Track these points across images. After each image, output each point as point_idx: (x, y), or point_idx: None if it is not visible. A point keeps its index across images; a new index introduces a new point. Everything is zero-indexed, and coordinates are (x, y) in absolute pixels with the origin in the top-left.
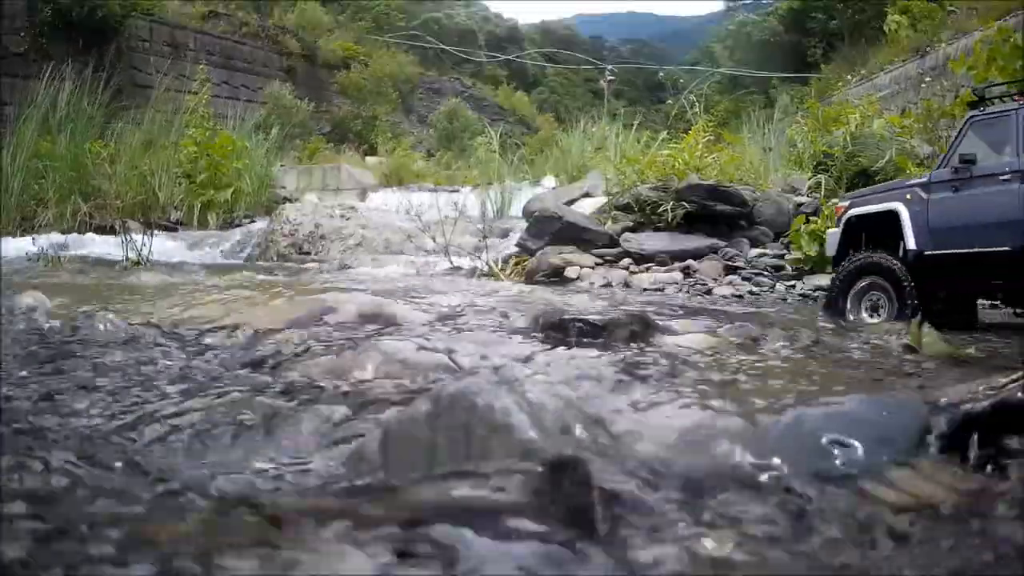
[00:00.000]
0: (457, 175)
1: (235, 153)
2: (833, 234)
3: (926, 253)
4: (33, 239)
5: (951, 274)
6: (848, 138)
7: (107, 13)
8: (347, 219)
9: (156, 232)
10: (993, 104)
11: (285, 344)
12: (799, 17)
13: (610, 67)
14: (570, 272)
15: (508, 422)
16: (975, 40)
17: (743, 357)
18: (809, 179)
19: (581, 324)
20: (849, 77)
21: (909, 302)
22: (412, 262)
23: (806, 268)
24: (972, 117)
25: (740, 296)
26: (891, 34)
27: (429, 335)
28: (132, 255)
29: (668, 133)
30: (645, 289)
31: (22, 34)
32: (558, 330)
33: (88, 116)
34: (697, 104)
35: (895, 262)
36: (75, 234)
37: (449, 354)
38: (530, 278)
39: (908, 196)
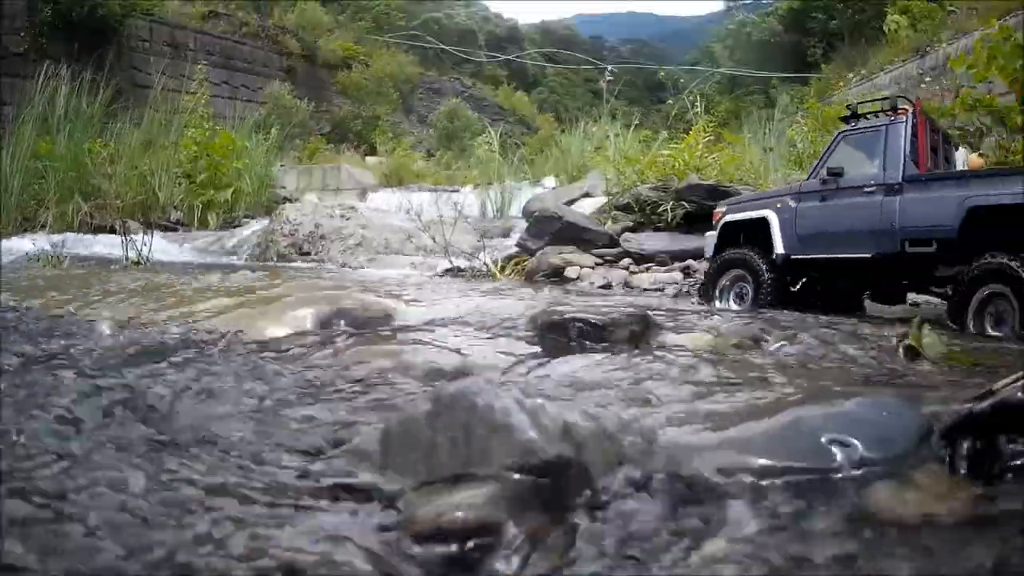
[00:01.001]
0: (457, 175)
1: (235, 153)
2: (711, 236)
3: (793, 257)
4: (33, 240)
5: (817, 275)
6: None
7: (107, 13)
8: (347, 219)
9: (156, 232)
10: (866, 120)
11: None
12: (799, 17)
13: (610, 67)
14: (570, 272)
15: (508, 422)
16: (975, 39)
17: (743, 357)
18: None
19: (581, 324)
20: (850, 76)
21: (767, 293)
22: (412, 262)
23: None
24: (843, 132)
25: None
26: (891, 34)
27: (429, 335)
28: (132, 255)
29: (668, 133)
30: (645, 289)
31: (22, 34)
32: (558, 330)
33: (88, 116)
34: (697, 104)
35: (756, 258)
36: (75, 234)
37: (448, 354)
38: (530, 278)
39: (779, 205)
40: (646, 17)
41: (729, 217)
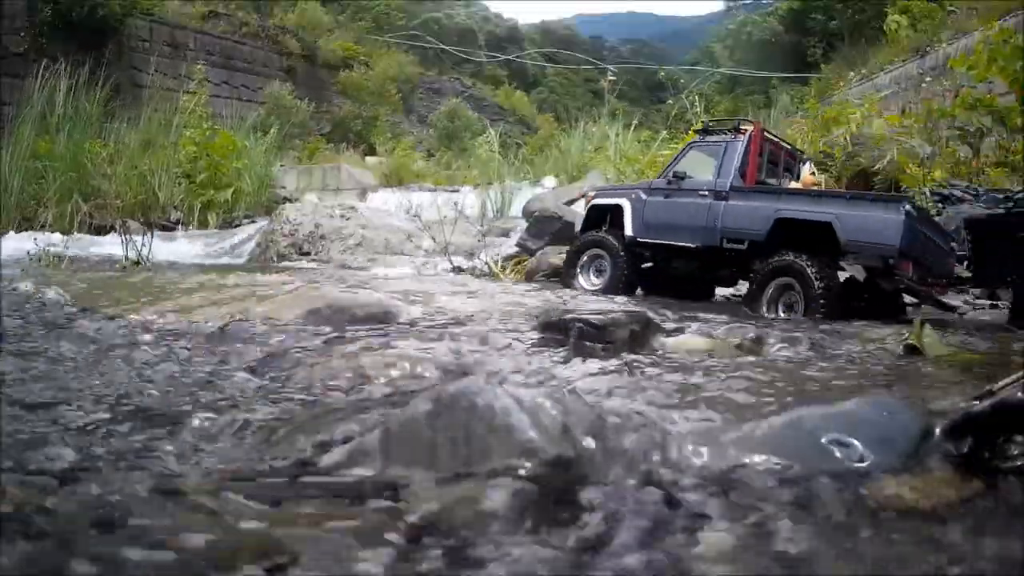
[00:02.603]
0: (457, 175)
1: (235, 153)
2: (580, 217)
3: (638, 239)
4: (35, 240)
5: (656, 256)
6: (848, 138)
7: (107, 13)
8: (347, 219)
9: (156, 232)
10: (714, 135)
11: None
12: (799, 17)
13: (611, 68)
14: None
15: (508, 422)
16: (976, 40)
17: (743, 358)
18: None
19: (581, 324)
20: (851, 76)
21: (622, 272)
22: (412, 262)
23: None
24: (692, 143)
25: (741, 295)
26: (891, 34)
27: (429, 335)
28: (132, 255)
29: (668, 133)
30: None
31: (22, 34)
32: (558, 330)
33: (87, 116)
34: (697, 104)
35: (612, 240)
36: (75, 234)
37: (449, 354)
38: (530, 278)
39: (632, 196)
40: (646, 17)
41: (595, 201)
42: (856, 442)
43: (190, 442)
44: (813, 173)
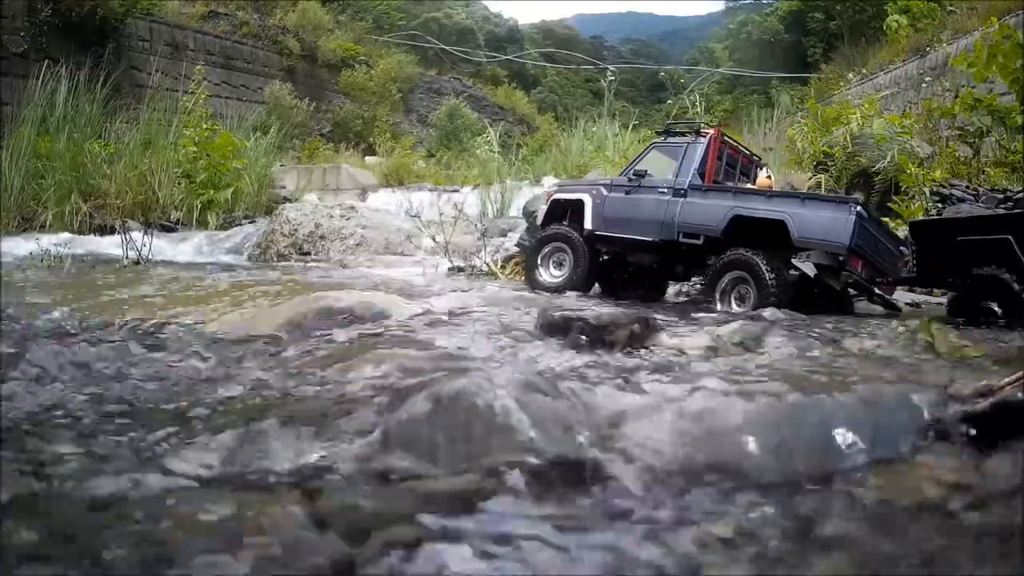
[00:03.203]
0: (457, 175)
1: (235, 153)
2: (542, 210)
3: (597, 233)
4: (37, 239)
5: (614, 249)
6: (848, 138)
7: (107, 13)
8: (347, 219)
9: (156, 232)
10: (676, 137)
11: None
12: (799, 17)
13: (611, 67)
14: None
15: (508, 422)
16: (976, 39)
17: (744, 355)
18: (809, 179)
19: (582, 324)
20: (851, 76)
21: (582, 264)
22: (412, 262)
23: None
24: (654, 143)
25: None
26: (891, 34)
27: (429, 335)
28: (132, 255)
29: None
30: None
31: (22, 34)
32: (558, 330)
33: (87, 116)
34: (697, 104)
35: (572, 233)
36: (75, 234)
37: (449, 353)
38: None
39: (593, 191)
40: (646, 17)
41: (556, 196)
42: (857, 437)
43: None
44: (769, 177)
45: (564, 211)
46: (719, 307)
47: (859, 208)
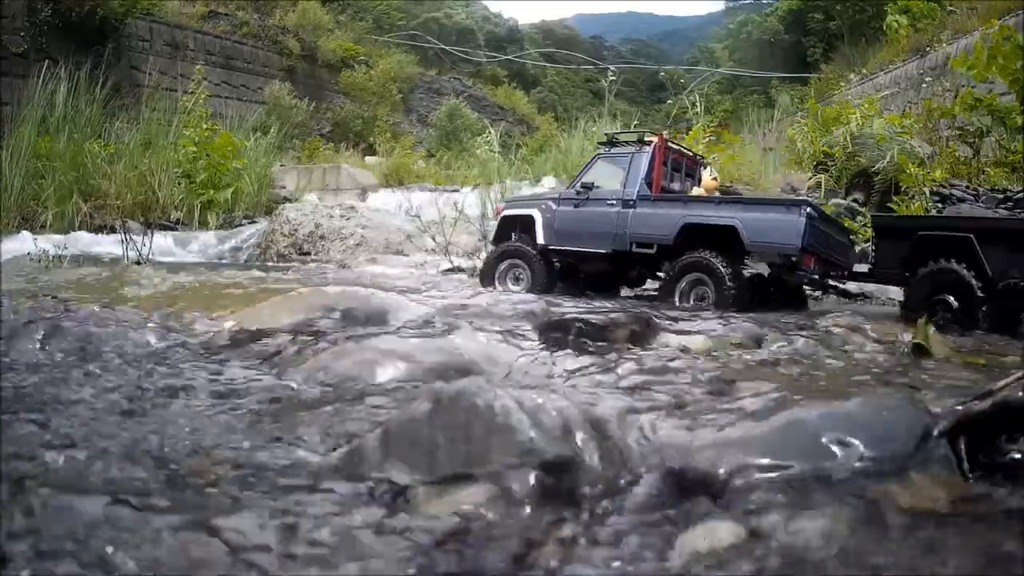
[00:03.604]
0: (457, 175)
1: (235, 153)
2: (494, 227)
3: (550, 247)
4: (36, 239)
5: (566, 262)
6: (848, 138)
7: (107, 13)
8: (347, 219)
9: (156, 232)
10: (620, 147)
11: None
12: (799, 17)
13: (612, 67)
14: None
15: (508, 422)
16: (976, 39)
17: (743, 358)
18: (809, 179)
19: (582, 324)
20: (851, 76)
21: (539, 278)
22: (412, 262)
23: None
24: (599, 155)
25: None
26: (891, 34)
27: (429, 335)
28: (132, 254)
29: (668, 133)
30: (647, 288)
31: (22, 34)
32: (559, 330)
33: (87, 116)
34: (697, 104)
35: (527, 248)
36: (74, 234)
37: (449, 353)
38: None
39: (543, 207)
40: (646, 17)
41: (506, 212)
42: (856, 441)
43: None
44: (715, 178)
45: (514, 227)
46: (679, 305)
47: (809, 209)
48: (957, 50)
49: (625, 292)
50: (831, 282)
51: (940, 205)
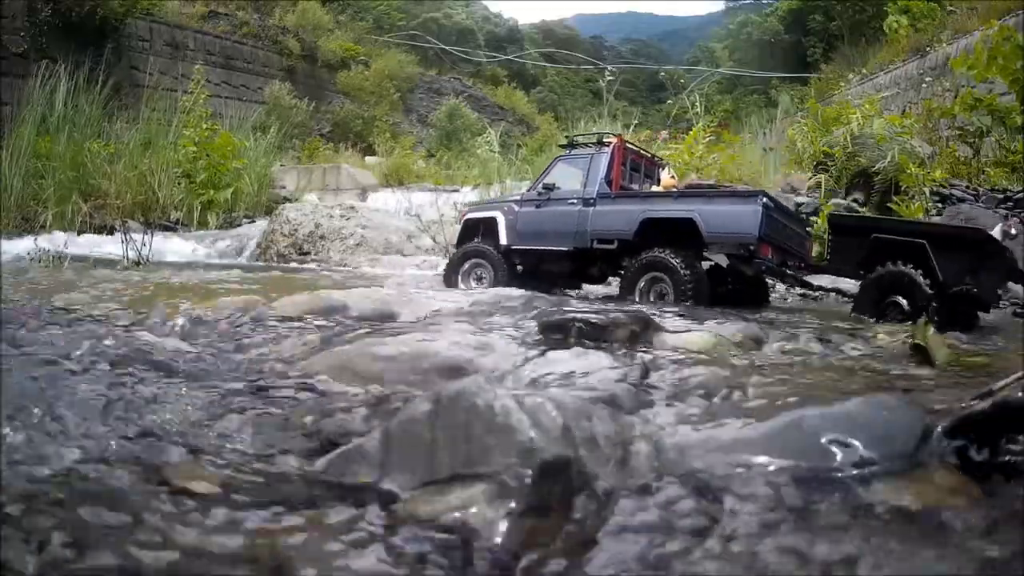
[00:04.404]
0: (457, 175)
1: (235, 153)
2: (457, 230)
3: (512, 247)
4: (35, 239)
5: (529, 261)
6: (848, 138)
7: (107, 13)
8: (347, 219)
9: (156, 232)
10: (580, 148)
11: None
12: (799, 17)
13: (610, 67)
14: None
15: (508, 422)
16: (976, 40)
17: (743, 358)
18: (809, 179)
19: (581, 324)
20: (851, 76)
21: (501, 277)
22: (412, 262)
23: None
24: (559, 157)
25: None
26: (891, 34)
27: (429, 334)
28: (132, 255)
29: (668, 133)
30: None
31: (22, 34)
32: (558, 330)
33: (87, 116)
34: (697, 104)
35: (490, 249)
36: (74, 234)
37: (449, 354)
38: None
39: (505, 208)
40: (646, 17)
41: (468, 216)
42: (856, 442)
43: None
44: (673, 176)
45: (477, 230)
46: (639, 302)
47: (765, 199)
48: (957, 50)
49: (587, 290)
50: (789, 271)
51: (940, 205)
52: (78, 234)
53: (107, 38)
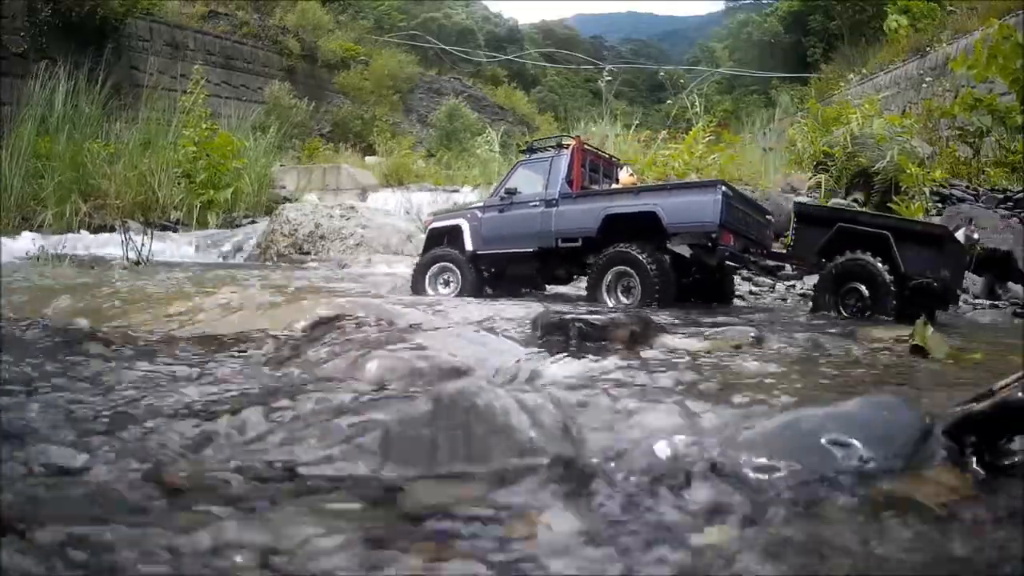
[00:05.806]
0: (457, 175)
1: (234, 153)
2: (423, 239)
3: (479, 252)
4: (33, 239)
5: (496, 264)
6: (848, 138)
7: (107, 13)
8: (347, 219)
9: (156, 232)
10: (539, 153)
11: None
12: (799, 17)
13: (608, 67)
14: None
15: (508, 422)
16: (976, 39)
17: (743, 358)
18: (809, 179)
19: (581, 325)
20: (851, 76)
21: (468, 282)
22: (412, 262)
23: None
24: (520, 162)
25: (740, 296)
26: (891, 34)
27: (428, 334)
28: (132, 255)
29: (668, 133)
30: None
31: (22, 34)
32: (559, 330)
33: (87, 116)
34: (697, 104)
35: (457, 255)
36: (74, 233)
37: (449, 354)
38: None
39: (469, 215)
40: (646, 17)
41: (433, 225)
42: (856, 442)
43: None
44: (631, 175)
45: (441, 239)
46: (609, 303)
47: (724, 188)
48: (957, 50)
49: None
50: (752, 258)
51: (940, 205)
52: (79, 232)
53: (107, 38)
